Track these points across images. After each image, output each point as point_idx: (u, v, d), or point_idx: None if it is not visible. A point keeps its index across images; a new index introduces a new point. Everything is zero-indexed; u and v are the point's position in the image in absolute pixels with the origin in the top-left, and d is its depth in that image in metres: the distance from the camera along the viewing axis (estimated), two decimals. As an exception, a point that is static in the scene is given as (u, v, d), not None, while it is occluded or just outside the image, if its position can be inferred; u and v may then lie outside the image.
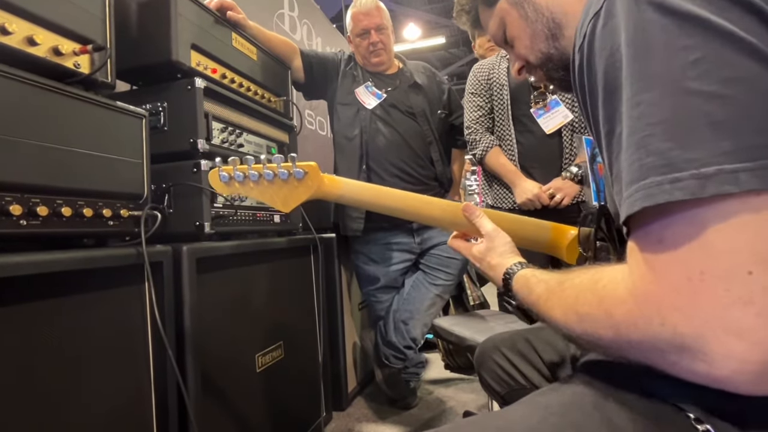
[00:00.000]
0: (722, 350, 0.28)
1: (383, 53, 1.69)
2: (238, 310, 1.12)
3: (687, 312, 0.29)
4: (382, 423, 1.62)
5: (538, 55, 0.56)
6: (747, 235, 0.27)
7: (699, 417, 0.36)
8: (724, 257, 0.28)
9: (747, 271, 0.27)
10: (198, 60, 1.11)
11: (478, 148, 1.57)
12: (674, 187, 0.28)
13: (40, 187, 0.69)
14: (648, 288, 0.31)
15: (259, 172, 0.68)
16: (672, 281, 0.29)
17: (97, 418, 0.74)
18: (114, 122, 0.83)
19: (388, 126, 1.66)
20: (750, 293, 0.27)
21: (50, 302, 0.69)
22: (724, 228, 0.28)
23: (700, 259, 0.28)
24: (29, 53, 0.69)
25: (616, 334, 0.34)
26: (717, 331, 0.28)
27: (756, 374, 0.28)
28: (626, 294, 0.33)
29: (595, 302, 0.36)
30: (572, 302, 0.40)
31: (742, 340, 0.27)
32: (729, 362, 0.28)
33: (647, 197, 0.30)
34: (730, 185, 0.27)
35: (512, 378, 0.74)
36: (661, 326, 0.30)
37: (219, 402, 1.03)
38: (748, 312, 0.27)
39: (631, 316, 0.32)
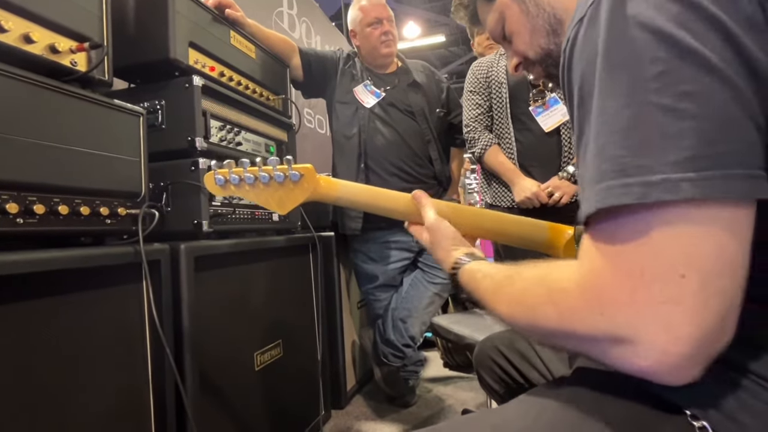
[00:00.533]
0: (649, 341, 0.31)
1: (393, 44, 1.69)
2: (236, 309, 1.12)
3: (626, 305, 0.31)
4: (380, 421, 1.62)
5: (538, 51, 0.56)
6: (682, 241, 0.30)
7: (695, 414, 0.36)
8: (662, 260, 0.30)
9: (680, 275, 0.29)
10: (196, 58, 1.11)
11: (477, 146, 1.56)
12: (623, 192, 0.31)
13: (36, 185, 0.68)
14: (595, 281, 0.33)
15: (254, 175, 0.67)
16: (616, 276, 0.32)
17: (94, 417, 0.74)
18: (111, 120, 0.83)
19: (387, 125, 1.66)
20: (680, 295, 0.29)
21: (47, 301, 0.69)
22: (664, 232, 0.30)
23: (642, 259, 0.31)
24: (26, 51, 0.68)
25: (559, 323, 0.36)
26: (648, 324, 0.31)
27: (673, 366, 0.31)
28: (574, 286, 0.35)
29: (544, 293, 0.38)
30: (519, 295, 0.42)
31: (667, 334, 0.30)
32: (653, 352, 0.31)
33: (600, 200, 0.32)
34: (670, 194, 0.29)
35: (511, 377, 0.74)
36: (600, 316, 0.33)
37: (217, 400, 1.03)
38: (676, 310, 0.30)
39: (576, 306, 0.35)
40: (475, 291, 0.53)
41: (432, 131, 1.71)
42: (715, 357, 0.31)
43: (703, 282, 0.29)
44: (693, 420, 0.36)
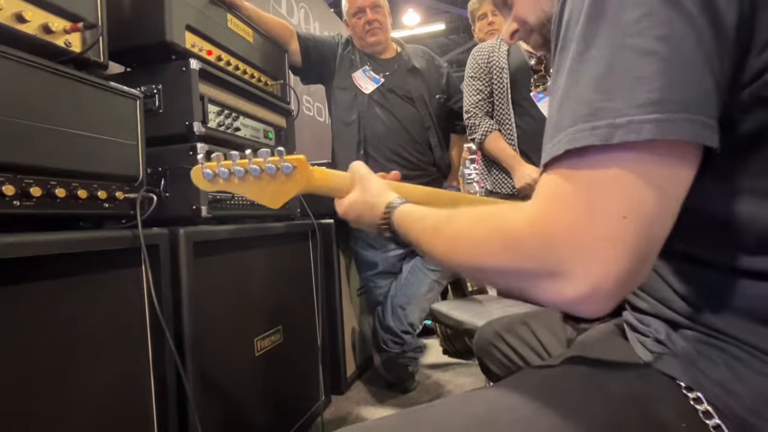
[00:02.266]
0: (583, 275, 0.32)
1: (379, 32, 1.66)
2: (236, 295, 1.12)
3: (572, 240, 0.32)
4: (380, 406, 1.64)
5: (539, 15, 0.55)
6: (631, 185, 0.31)
7: (690, 386, 0.36)
8: (610, 200, 0.31)
9: (622, 216, 0.31)
10: (193, 41, 1.09)
11: (478, 132, 1.55)
12: (591, 134, 0.31)
13: (32, 167, 0.68)
14: (547, 216, 0.34)
15: (244, 168, 0.64)
16: (569, 212, 0.33)
17: (95, 401, 0.74)
18: (108, 103, 0.82)
19: (386, 111, 1.65)
20: (618, 235, 0.31)
21: (46, 284, 0.68)
22: (617, 174, 0.31)
23: (593, 197, 0.32)
24: (18, 30, 0.67)
25: (504, 258, 0.37)
26: (586, 259, 0.32)
27: (597, 300, 0.32)
28: (524, 221, 0.36)
29: (491, 228, 0.39)
30: (464, 231, 0.42)
31: (600, 270, 0.31)
32: (583, 286, 0.32)
33: (570, 141, 0.33)
34: (633, 134, 0.30)
35: (511, 362, 0.75)
36: (549, 250, 0.33)
37: (218, 385, 1.03)
38: (612, 249, 0.31)
39: (524, 240, 0.35)
40: (409, 231, 0.53)
41: (432, 117, 1.70)
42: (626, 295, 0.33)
43: (639, 226, 0.31)
44: (688, 392, 0.36)
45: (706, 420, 0.35)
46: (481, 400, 0.43)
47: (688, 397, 0.36)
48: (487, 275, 0.41)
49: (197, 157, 1.01)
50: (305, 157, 0.66)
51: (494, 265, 0.38)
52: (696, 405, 0.35)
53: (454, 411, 0.42)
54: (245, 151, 0.65)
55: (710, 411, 0.35)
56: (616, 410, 0.37)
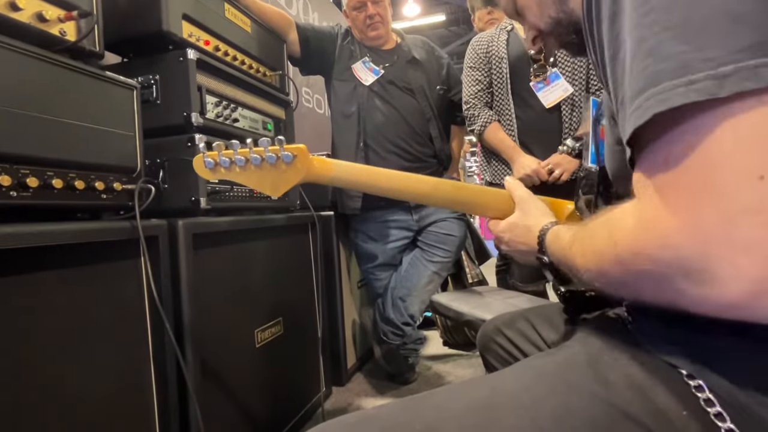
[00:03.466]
0: (729, 269, 0.25)
1: (380, 26, 1.65)
2: (236, 286, 1.12)
3: (689, 230, 0.26)
4: (381, 398, 1.65)
5: (548, 21, 0.56)
6: (757, 133, 0.24)
7: (691, 373, 0.36)
8: (733, 162, 0.25)
9: (758, 176, 0.24)
10: (190, 31, 1.08)
11: (477, 123, 1.54)
12: (689, 89, 0.25)
13: (28, 157, 0.67)
14: (653, 213, 0.29)
15: (245, 157, 0.65)
16: (677, 200, 0.27)
17: (95, 392, 0.74)
18: (104, 93, 0.81)
19: (386, 103, 1.64)
20: (760, 200, 0.24)
21: (44, 275, 0.68)
22: (737, 129, 0.24)
23: (706, 170, 0.25)
24: (12, 18, 0.66)
25: (622, 266, 0.32)
26: (722, 247, 0.25)
27: None
28: (632, 222, 0.31)
29: (605, 235, 0.34)
30: (588, 241, 0.38)
31: (750, 256, 0.24)
32: (739, 283, 0.25)
33: (660, 102, 0.26)
34: (750, 81, 0.24)
35: (512, 356, 0.75)
36: (662, 249, 0.28)
37: (218, 377, 1.04)
38: (756, 221, 0.24)
39: (634, 243, 0.30)
40: (559, 250, 0.48)
41: (432, 109, 1.68)
42: None
43: None
44: (689, 380, 0.36)
45: (707, 408, 0.34)
46: (483, 387, 0.42)
47: (690, 386, 0.35)
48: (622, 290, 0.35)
49: (196, 148, 1.01)
50: (305, 147, 0.66)
51: (619, 276, 0.33)
52: (697, 393, 0.35)
53: (455, 397, 0.42)
54: (246, 140, 0.65)
55: (712, 399, 0.34)
56: (617, 397, 0.37)
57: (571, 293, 0.62)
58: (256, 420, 1.16)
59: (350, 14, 1.66)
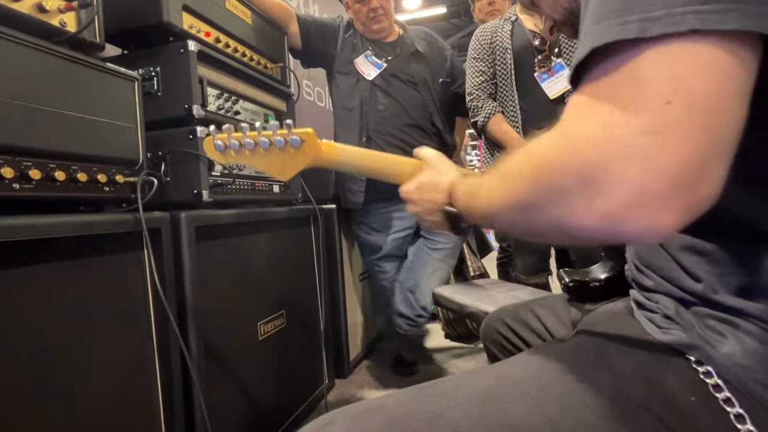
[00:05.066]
0: (618, 176, 0.27)
1: (384, 19, 1.63)
2: (239, 279, 1.12)
3: (600, 141, 0.28)
4: (383, 390, 1.65)
5: (561, 12, 0.56)
6: (675, 70, 0.26)
7: (699, 359, 0.36)
8: (649, 88, 0.27)
9: (665, 101, 0.26)
10: (191, 22, 1.07)
11: (480, 115, 1.53)
12: (621, 29, 0.28)
13: (30, 149, 0.67)
14: (572, 125, 0.31)
15: (254, 140, 0.66)
16: (598, 115, 0.29)
17: (99, 385, 0.74)
18: (105, 85, 0.80)
19: (389, 96, 1.63)
20: (663, 123, 0.26)
21: (46, 267, 0.68)
22: (656, 61, 0.27)
23: (626, 90, 0.28)
24: (12, 8, 0.66)
25: (533, 180, 0.33)
26: (620, 157, 0.27)
27: (644, 208, 0.27)
28: (553, 136, 0.32)
29: (522, 154, 0.36)
30: (503, 172, 0.39)
31: (641, 167, 0.27)
32: (621, 190, 0.27)
33: (597, 39, 0.29)
34: (674, 26, 0.26)
35: (515, 346, 0.75)
36: (572, 157, 0.30)
37: (222, 369, 1.04)
38: (655, 141, 0.26)
39: (550, 153, 0.32)
40: (469, 196, 0.49)
41: (435, 101, 1.67)
42: (692, 213, 0.27)
43: (690, 110, 0.26)
44: (698, 366, 0.36)
45: (716, 393, 0.34)
46: (489, 376, 0.42)
47: (698, 371, 0.35)
48: (528, 213, 0.35)
49: (198, 141, 1.01)
50: (314, 131, 0.66)
51: (530, 195, 0.34)
52: (706, 379, 0.35)
53: (462, 385, 0.42)
54: (255, 124, 0.66)
55: (720, 384, 0.34)
56: (624, 385, 0.37)
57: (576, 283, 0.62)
58: (260, 412, 1.16)
59: (352, 7, 1.64)
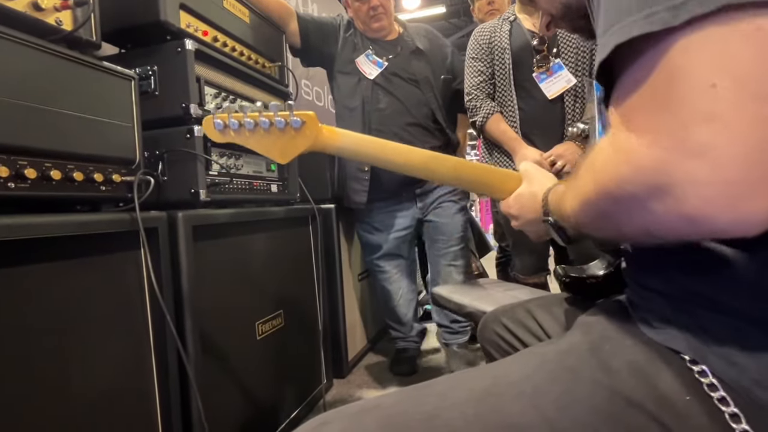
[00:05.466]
0: (685, 176, 0.26)
1: (384, 17, 1.63)
2: (236, 279, 1.12)
3: (651, 145, 0.27)
4: (382, 389, 1.65)
5: (558, 7, 0.56)
6: (711, 48, 0.25)
7: (694, 358, 0.36)
8: (687, 77, 0.25)
9: (710, 84, 0.25)
10: (188, 21, 1.07)
11: (479, 114, 1.53)
12: (647, 22, 0.27)
13: (26, 148, 0.66)
14: (623, 136, 0.30)
15: (255, 121, 0.65)
16: (640, 120, 0.28)
17: (96, 385, 0.74)
18: (102, 84, 0.80)
19: (390, 95, 1.62)
20: (712, 107, 0.24)
21: (43, 267, 0.68)
22: (691, 48, 0.25)
23: (665, 86, 0.26)
24: (7, 7, 0.65)
25: (602, 195, 0.33)
26: (677, 155, 0.26)
27: (726, 199, 0.25)
28: (608, 151, 0.32)
29: (588, 170, 0.36)
30: (576, 182, 0.39)
31: (704, 161, 0.25)
32: (694, 189, 0.26)
33: (620, 35, 0.28)
34: (701, 7, 0.25)
35: (512, 347, 0.75)
36: (630, 169, 0.28)
37: (220, 368, 1.04)
38: (709, 129, 0.25)
39: (609, 168, 0.31)
40: (558, 202, 0.48)
41: (437, 99, 1.67)
42: None
43: (738, 86, 0.24)
44: (692, 365, 0.36)
45: (710, 392, 0.34)
46: (485, 376, 0.42)
47: (693, 371, 0.35)
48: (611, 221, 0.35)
49: (195, 140, 1.00)
50: (315, 114, 0.65)
51: (596, 202, 0.34)
52: (701, 378, 0.35)
53: (457, 385, 0.42)
54: (256, 103, 0.65)
55: (715, 383, 0.34)
56: (619, 384, 0.37)
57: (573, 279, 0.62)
58: (258, 412, 1.16)
59: (352, 5, 1.64)
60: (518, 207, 0.62)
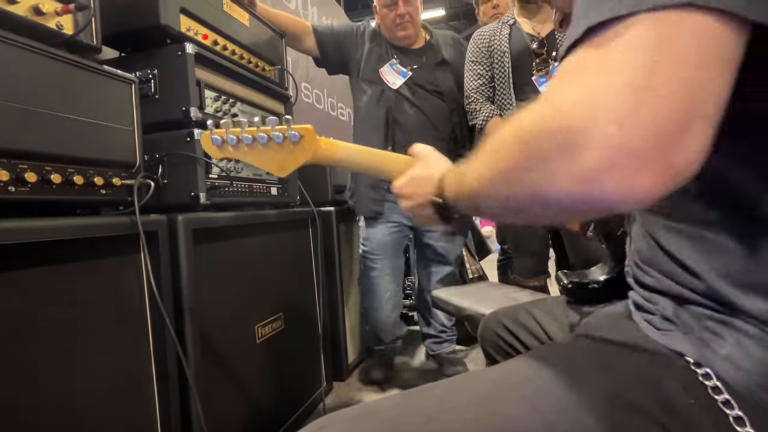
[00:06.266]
0: (598, 135, 0.26)
1: (410, 26, 1.63)
2: (236, 282, 1.12)
3: (580, 101, 0.27)
4: (381, 393, 1.65)
5: (571, 5, 0.55)
6: (666, 31, 0.26)
7: (698, 361, 0.36)
8: (636, 47, 0.26)
9: (653, 60, 0.26)
10: (188, 25, 1.07)
11: (479, 117, 1.54)
12: (618, 5, 0.27)
13: (26, 152, 0.66)
14: (558, 90, 0.30)
15: (252, 136, 0.65)
16: (583, 78, 0.28)
17: (96, 388, 0.74)
18: (102, 87, 0.80)
19: (414, 106, 1.62)
20: (646, 78, 0.26)
21: (43, 270, 0.68)
22: (648, 26, 0.27)
23: (615, 54, 0.27)
24: (8, 11, 0.66)
25: (517, 143, 0.32)
26: (600, 115, 0.26)
27: (622, 165, 0.26)
28: (537, 102, 0.32)
29: (508, 124, 0.35)
30: (489, 145, 0.38)
31: (620, 124, 0.26)
32: (600, 148, 0.26)
33: (593, 18, 0.29)
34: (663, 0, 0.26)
35: (513, 348, 0.75)
36: (552, 119, 0.29)
37: (219, 372, 1.04)
38: (636, 96, 0.26)
39: (532, 116, 0.31)
40: (458, 183, 0.48)
41: (459, 111, 1.67)
42: (673, 178, 0.27)
43: (674, 65, 0.25)
44: (696, 368, 0.36)
45: (714, 396, 0.34)
46: (485, 379, 0.42)
47: (697, 373, 0.35)
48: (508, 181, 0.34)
49: (195, 143, 1.00)
50: (313, 127, 0.66)
51: (512, 162, 0.33)
52: (705, 381, 0.35)
53: (457, 389, 0.41)
54: (254, 119, 0.65)
55: (719, 386, 0.34)
56: (622, 387, 0.37)
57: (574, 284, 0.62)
58: (257, 415, 1.16)
59: (380, 11, 1.64)
60: (411, 188, 0.61)
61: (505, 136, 0.35)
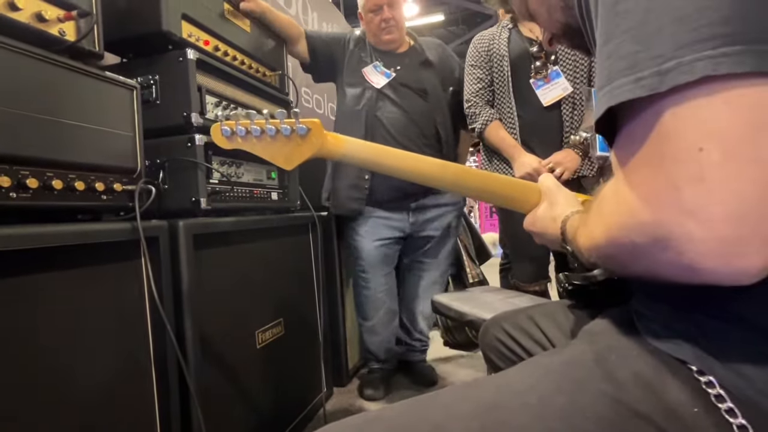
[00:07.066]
0: (681, 233, 0.28)
1: (395, 30, 1.64)
2: (237, 287, 1.12)
3: (648, 199, 0.30)
4: (382, 398, 1.64)
5: (557, 26, 0.57)
6: (699, 115, 0.27)
7: (701, 369, 0.35)
8: (678, 139, 0.28)
9: (698, 148, 0.27)
10: (189, 31, 1.08)
11: (478, 121, 1.54)
12: (636, 86, 0.29)
13: (28, 158, 0.67)
14: (623, 189, 0.32)
15: (261, 128, 0.67)
16: (639, 174, 0.31)
17: (96, 394, 0.74)
18: (104, 93, 0.80)
19: (395, 105, 1.62)
20: (700, 170, 0.27)
21: (44, 276, 0.68)
22: (678, 114, 0.28)
23: (658, 147, 0.29)
24: (11, 18, 0.66)
25: (605, 233, 0.35)
26: (673, 213, 0.28)
27: (719, 255, 0.28)
28: (611, 193, 0.35)
29: (595, 207, 0.39)
30: (587, 223, 0.41)
31: (696, 220, 0.27)
32: (690, 245, 0.28)
33: (611, 98, 0.30)
34: (686, 75, 0.27)
35: (514, 353, 0.74)
36: (629, 218, 0.31)
37: (220, 378, 1.03)
38: (700, 189, 0.27)
39: (614, 218, 0.34)
40: (573, 236, 0.50)
41: (443, 111, 1.67)
42: None
43: (724, 149, 0.26)
44: (699, 376, 0.35)
45: (718, 404, 0.34)
46: (489, 387, 0.42)
47: (700, 381, 0.35)
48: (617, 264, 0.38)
49: (196, 149, 1.01)
50: (320, 121, 0.67)
51: (611, 251, 0.36)
52: (708, 389, 0.34)
53: (462, 397, 0.41)
54: (263, 111, 0.66)
55: (723, 395, 0.34)
56: (625, 395, 0.37)
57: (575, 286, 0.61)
58: (258, 421, 1.15)
59: (365, 17, 1.65)
60: (540, 228, 0.63)
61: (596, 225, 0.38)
